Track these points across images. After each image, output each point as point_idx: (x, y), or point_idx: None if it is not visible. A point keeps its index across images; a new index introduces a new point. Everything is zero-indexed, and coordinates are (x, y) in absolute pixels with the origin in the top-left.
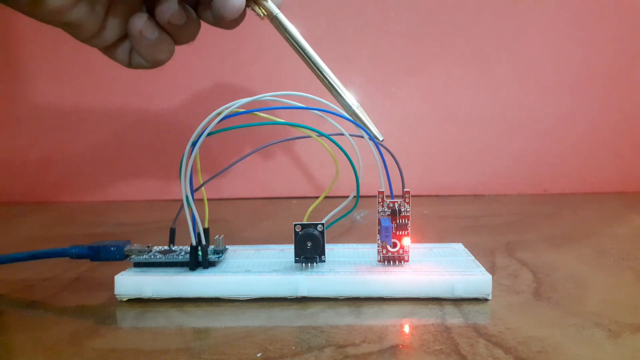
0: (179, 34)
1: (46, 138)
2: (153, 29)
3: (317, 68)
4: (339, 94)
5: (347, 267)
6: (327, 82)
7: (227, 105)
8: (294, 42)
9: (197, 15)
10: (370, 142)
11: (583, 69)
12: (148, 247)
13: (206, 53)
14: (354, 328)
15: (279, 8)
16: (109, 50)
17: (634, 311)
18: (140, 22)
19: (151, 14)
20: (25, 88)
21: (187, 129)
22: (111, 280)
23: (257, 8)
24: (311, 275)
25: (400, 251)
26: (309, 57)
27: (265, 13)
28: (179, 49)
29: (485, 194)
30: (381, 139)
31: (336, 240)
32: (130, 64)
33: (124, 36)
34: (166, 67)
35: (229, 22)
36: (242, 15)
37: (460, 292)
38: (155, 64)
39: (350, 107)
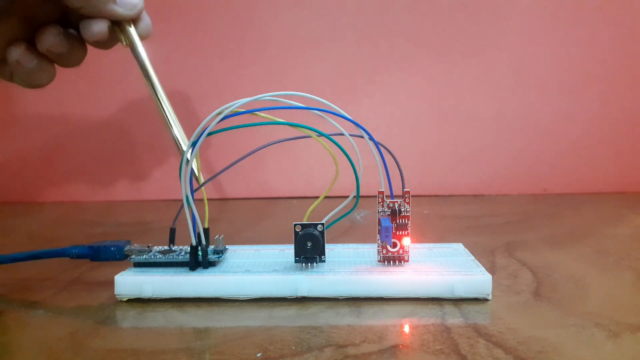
0: (62, 61)
1: (46, 138)
2: (31, 58)
3: (161, 104)
4: (173, 133)
5: (347, 267)
6: (166, 117)
7: (227, 105)
8: (146, 74)
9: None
10: (370, 142)
11: (583, 69)
12: (148, 247)
13: (206, 53)
14: (354, 328)
15: (146, 38)
16: None
17: (634, 311)
18: (17, 53)
19: (32, 40)
20: (25, 88)
21: (187, 128)
22: (111, 280)
23: (120, 35)
24: (311, 275)
25: (400, 251)
26: (156, 92)
27: (127, 42)
28: (178, 48)
29: (485, 194)
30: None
31: (336, 240)
32: (12, 81)
33: (5, 58)
34: (167, 67)
35: (96, 44)
36: (111, 40)
37: (460, 292)
38: (34, 87)
39: (180, 144)
